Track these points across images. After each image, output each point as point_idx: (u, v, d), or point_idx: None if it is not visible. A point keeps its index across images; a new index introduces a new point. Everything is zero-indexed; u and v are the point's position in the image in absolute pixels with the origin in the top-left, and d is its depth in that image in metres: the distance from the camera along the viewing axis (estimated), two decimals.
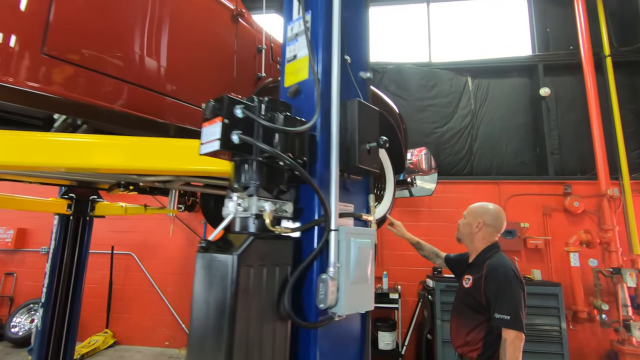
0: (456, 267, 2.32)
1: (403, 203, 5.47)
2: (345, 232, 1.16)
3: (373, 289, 1.27)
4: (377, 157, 1.44)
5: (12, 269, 6.03)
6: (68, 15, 1.29)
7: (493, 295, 1.85)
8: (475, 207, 2.22)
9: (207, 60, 1.87)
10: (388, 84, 5.87)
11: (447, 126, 5.66)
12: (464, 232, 2.19)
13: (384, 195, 2.49)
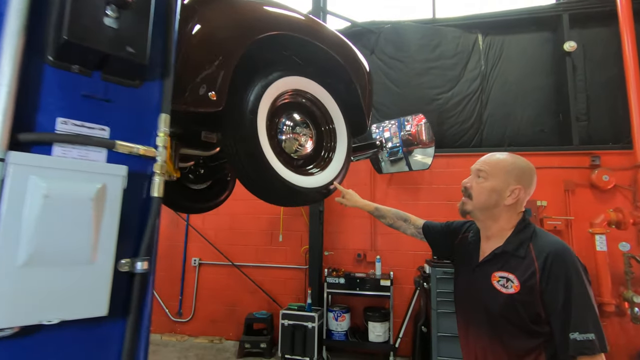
0: (450, 248, 1.58)
1: (400, 179, 4.87)
2: (18, 165, 0.65)
3: (107, 275, 0.76)
4: (141, 39, 0.95)
5: None
6: None
7: (561, 301, 1.13)
8: (503, 160, 1.33)
9: None
10: (384, 46, 5.19)
11: (453, 91, 4.94)
12: (484, 201, 1.31)
13: (331, 158, 1.95)
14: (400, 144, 5.08)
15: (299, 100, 1.87)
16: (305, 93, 1.88)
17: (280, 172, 1.66)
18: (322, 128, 1.96)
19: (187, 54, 1.38)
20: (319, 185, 1.83)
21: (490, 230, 1.33)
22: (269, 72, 1.70)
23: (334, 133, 1.98)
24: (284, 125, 1.78)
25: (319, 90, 1.93)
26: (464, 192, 1.37)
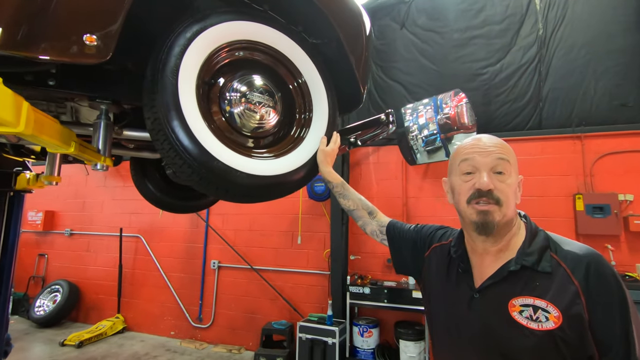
0: (418, 263, 1.14)
1: (437, 171, 4.12)
2: None
3: None
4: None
5: (43, 251, 6.18)
6: None
7: (619, 334, 0.80)
8: (502, 143, 0.95)
9: None
10: (417, 17, 4.45)
11: (502, 63, 4.08)
12: (514, 207, 0.93)
13: (303, 137, 1.39)
14: (438, 131, 4.33)
15: (254, 57, 1.34)
16: (264, 47, 1.34)
17: (220, 156, 1.14)
18: (292, 96, 1.41)
19: None
20: (285, 172, 1.28)
21: (500, 243, 0.93)
22: (202, 14, 1.19)
23: (309, 102, 1.42)
24: (231, 92, 1.26)
25: (285, 44, 1.38)
26: (487, 197, 0.90)
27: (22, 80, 1.22)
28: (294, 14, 1.49)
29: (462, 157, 0.95)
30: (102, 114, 1.41)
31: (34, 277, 6.13)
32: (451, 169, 1.00)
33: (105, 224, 5.77)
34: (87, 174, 5.98)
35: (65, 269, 5.96)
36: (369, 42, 1.70)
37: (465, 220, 0.95)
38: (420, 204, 4.15)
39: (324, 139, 1.39)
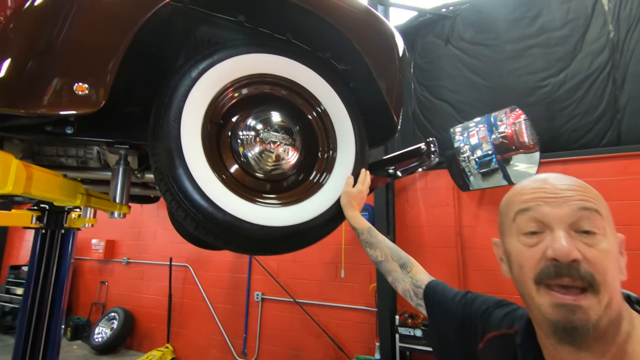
0: (466, 352, 0.81)
1: (496, 197, 3.69)
2: None
3: None
4: None
5: (104, 278, 6.55)
6: None
7: None
8: (582, 184, 0.64)
9: None
10: (463, 31, 4.16)
11: (566, 73, 3.61)
12: (619, 290, 0.59)
13: (324, 181, 1.20)
14: (493, 151, 3.91)
15: (269, 91, 1.20)
16: (279, 79, 1.20)
17: (229, 207, 1.00)
18: (312, 131, 1.24)
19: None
20: (305, 221, 1.10)
21: (604, 357, 0.57)
22: (210, 50, 1.09)
23: (332, 137, 1.24)
24: (243, 132, 1.13)
25: (303, 75, 1.23)
26: (571, 275, 0.56)
27: (42, 130, 1.19)
28: (319, 40, 1.36)
29: (521, 205, 0.64)
30: (121, 159, 1.35)
31: (96, 303, 6.48)
32: (504, 225, 0.69)
33: (157, 253, 5.98)
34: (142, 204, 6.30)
35: (122, 296, 6.23)
36: (402, 66, 1.50)
37: (535, 314, 0.62)
38: (477, 234, 3.72)
39: (350, 179, 1.19)
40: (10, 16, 0.82)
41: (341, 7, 1.29)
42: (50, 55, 0.84)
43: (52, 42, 0.83)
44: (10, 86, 0.81)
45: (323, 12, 1.19)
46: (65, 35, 0.83)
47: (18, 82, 0.81)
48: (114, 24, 0.89)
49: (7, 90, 0.81)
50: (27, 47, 0.82)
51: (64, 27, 0.84)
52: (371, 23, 1.41)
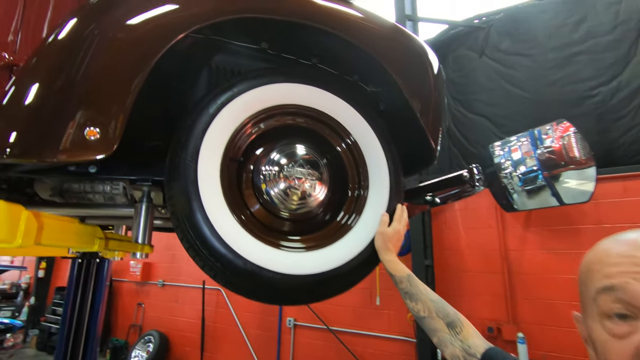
0: None
1: (545, 217, 3.38)
2: None
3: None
4: None
5: (141, 300, 6.67)
6: None
7: None
8: None
9: None
10: (498, 42, 3.95)
11: (619, 80, 3.29)
12: None
13: (353, 222, 1.08)
14: (539, 167, 3.61)
15: (293, 123, 1.10)
16: (304, 109, 1.11)
17: (250, 254, 0.90)
18: (341, 163, 1.13)
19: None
20: (333, 268, 0.98)
21: None
22: (229, 83, 1.01)
23: (363, 170, 1.12)
24: (266, 168, 1.03)
25: (329, 103, 1.13)
26: None
27: (66, 171, 1.17)
28: (346, 62, 1.27)
29: (603, 281, 0.50)
30: (143, 196, 1.30)
31: (133, 325, 6.59)
32: (584, 298, 0.55)
33: (191, 276, 6.02)
34: None
35: (158, 319, 6.30)
36: (438, 84, 1.37)
37: None
38: (525, 259, 3.39)
39: (385, 218, 1.05)
40: (19, 69, 0.78)
41: (367, 27, 1.20)
42: (59, 101, 0.79)
43: (61, 88, 0.79)
44: (21, 136, 0.77)
45: (348, 35, 1.10)
46: (73, 79, 0.79)
47: (28, 131, 0.77)
48: (125, 64, 0.84)
49: (18, 140, 0.76)
50: (36, 97, 0.78)
51: (71, 72, 0.79)
52: (399, 40, 1.31)
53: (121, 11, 0.93)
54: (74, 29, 0.82)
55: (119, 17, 0.89)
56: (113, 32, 0.85)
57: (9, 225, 0.75)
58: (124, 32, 0.86)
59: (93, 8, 0.94)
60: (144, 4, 0.96)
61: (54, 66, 0.81)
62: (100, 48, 0.82)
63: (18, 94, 0.79)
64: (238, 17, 1.00)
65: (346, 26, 1.13)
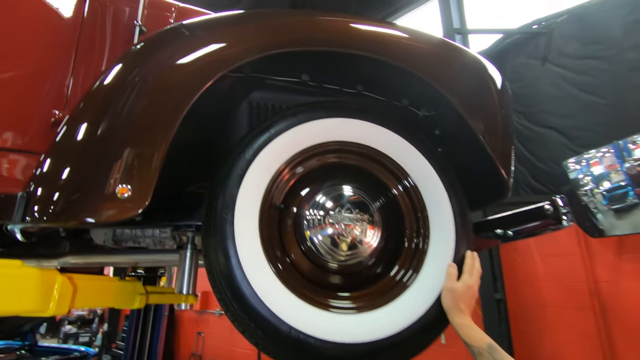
0: None
1: (638, 241, 2.86)
2: None
3: None
4: None
5: (201, 329, 6.81)
6: None
7: None
8: None
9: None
10: (563, 46, 3.56)
11: None
12: None
13: (410, 280, 0.91)
14: (628, 182, 3.10)
15: (338, 161, 0.99)
16: (350, 146, 0.99)
17: (295, 319, 0.79)
18: (396, 204, 0.98)
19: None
20: (392, 334, 0.82)
21: None
22: (266, 123, 0.93)
23: (421, 210, 0.96)
24: (310, 213, 0.92)
25: (376, 136, 1.00)
26: None
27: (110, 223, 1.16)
28: (394, 86, 1.15)
29: None
30: (188, 242, 1.26)
31: (194, 354, 6.72)
32: None
33: None
34: None
35: (216, 348, 6.36)
36: (504, 101, 1.19)
37: None
38: (621, 292, 2.87)
39: (453, 270, 0.87)
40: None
41: (413, 47, 1.08)
42: (91, 160, 0.75)
43: (92, 145, 0.75)
44: (55, 200, 0.74)
45: (393, 58, 0.99)
46: (104, 135, 0.75)
47: (63, 194, 0.74)
48: (155, 113, 0.79)
49: (54, 204, 0.73)
50: (70, 159, 0.75)
51: (101, 128, 0.76)
52: (450, 56, 1.16)
53: (156, 59, 0.90)
54: (106, 84, 0.80)
55: (151, 66, 0.86)
56: (142, 82, 0.81)
57: (41, 294, 0.71)
58: (154, 80, 0.82)
59: (133, 56, 0.93)
60: (180, 49, 0.93)
61: (85, 124, 0.78)
62: (130, 99, 0.79)
63: (53, 156, 0.77)
64: (278, 52, 0.93)
65: (391, 49, 1.02)
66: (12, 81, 1.07)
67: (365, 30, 1.05)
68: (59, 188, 0.74)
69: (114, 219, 0.74)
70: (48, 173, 0.76)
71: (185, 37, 0.97)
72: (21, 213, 0.71)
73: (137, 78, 0.81)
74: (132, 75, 0.82)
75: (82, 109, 0.80)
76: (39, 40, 1.11)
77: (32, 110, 1.02)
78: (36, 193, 0.73)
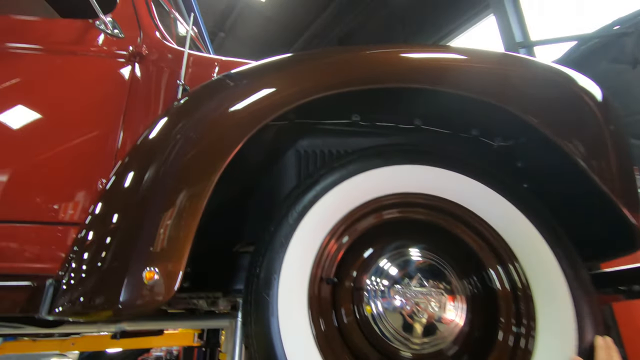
0: None
1: None
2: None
3: None
4: None
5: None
6: None
7: None
8: None
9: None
10: None
11: None
12: None
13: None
14: None
15: (399, 216, 0.80)
16: (413, 198, 0.80)
17: None
18: (483, 277, 0.76)
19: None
20: None
21: None
22: (311, 179, 0.80)
23: (524, 289, 0.72)
24: (370, 283, 0.74)
25: (446, 181, 0.80)
26: None
27: None
28: (460, 116, 0.96)
29: None
30: (237, 310, 1.14)
31: None
32: None
33: None
34: None
35: None
36: (609, 116, 0.93)
37: None
38: None
39: None
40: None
41: (474, 68, 0.88)
42: (113, 240, 0.67)
43: (114, 221, 0.67)
44: (75, 292, 0.66)
45: (453, 86, 0.81)
46: (125, 212, 0.67)
47: (83, 285, 0.66)
48: (183, 184, 0.69)
49: (72, 297, 0.66)
50: (100, 248, 0.68)
51: (123, 204, 0.68)
52: (518, 72, 0.94)
53: (193, 115, 0.84)
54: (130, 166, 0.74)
55: (187, 125, 0.79)
56: (173, 147, 0.73)
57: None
58: (183, 145, 0.73)
59: (174, 113, 0.88)
60: (219, 101, 0.86)
61: (114, 198, 0.71)
62: (160, 170, 0.71)
63: (83, 235, 0.70)
64: (328, 94, 0.81)
65: (450, 76, 0.85)
66: (68, 150, 1.08)
67: (421, 58, 0.89)
68: (86, 276, 0.67)
69: (142, 310, 0.63)
70: (77, 256, 0.69)
71: (225, 88, 0.91)
72: (48, 304, 0.65)
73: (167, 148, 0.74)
74: (164, 144, 0.75)
75: (113, 183, 0.74)
76: (92, 108, 1.13)
77: (82, 180, 1.01)
78: (62, 282, 0.67)
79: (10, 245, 0.92)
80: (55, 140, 1.07)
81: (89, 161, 1.05)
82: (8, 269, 0.87)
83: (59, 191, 0.99)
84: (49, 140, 1.07)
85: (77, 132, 1.09)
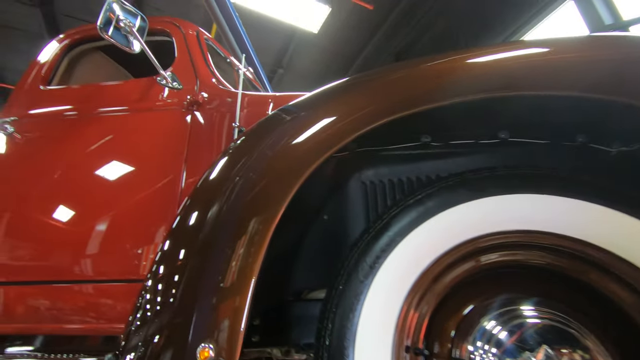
0: None
1: None
2: None
3: None
4: None
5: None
6: None
7: None
8: None
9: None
10: None
11: None
12: None
13: None
14: None
15: (501, 260, 0.62)
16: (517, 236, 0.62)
17: None
18: None
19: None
20: None
21: None
22: (376, 226, 0.66)
23: None
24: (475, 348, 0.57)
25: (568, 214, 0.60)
26: None
27: None
28: (558, 118, 0.77)
29: None
30: None
31: None
32: None
33: None
34: None
35: None
36: None
37: None
38: None
39: None
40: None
41: (561, 61, 0.68)
42: (167, 309, 0.61)
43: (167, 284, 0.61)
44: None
45: (541, 87, 0.62)
46: (179, 273, 0.60)
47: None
48: (230, 248, 0.61)
49: None
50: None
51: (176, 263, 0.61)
52: (624, 55, 0.70)
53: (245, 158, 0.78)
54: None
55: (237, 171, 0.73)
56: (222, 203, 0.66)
57: None
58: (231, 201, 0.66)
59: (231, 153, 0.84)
60: (271, 140, 0.79)
61: (167, 258, 0.66)
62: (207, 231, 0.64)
63: (140, 300, 0.65)
64: (405, 114, 0.70)
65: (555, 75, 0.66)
66: (136, 203, 1.09)
67: (503, 58, 0.73)
68: (142, 350, 0.61)
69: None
70: (133, 326, 0.64)
71: (280, 123, 0.84)
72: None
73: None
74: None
75: (169, 242, 0.70)
76: (155, 159, 1.15)
77: (151, 237, 1.01)
78: (119, 357, 0.62)
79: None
80: (134, 194, 1.11)
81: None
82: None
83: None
84: (131, 195, 1.10)
85: (149, 183, 1.12)
